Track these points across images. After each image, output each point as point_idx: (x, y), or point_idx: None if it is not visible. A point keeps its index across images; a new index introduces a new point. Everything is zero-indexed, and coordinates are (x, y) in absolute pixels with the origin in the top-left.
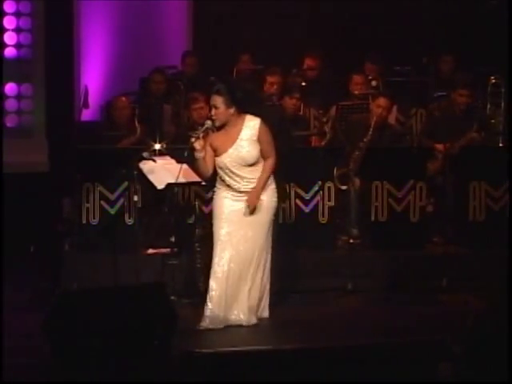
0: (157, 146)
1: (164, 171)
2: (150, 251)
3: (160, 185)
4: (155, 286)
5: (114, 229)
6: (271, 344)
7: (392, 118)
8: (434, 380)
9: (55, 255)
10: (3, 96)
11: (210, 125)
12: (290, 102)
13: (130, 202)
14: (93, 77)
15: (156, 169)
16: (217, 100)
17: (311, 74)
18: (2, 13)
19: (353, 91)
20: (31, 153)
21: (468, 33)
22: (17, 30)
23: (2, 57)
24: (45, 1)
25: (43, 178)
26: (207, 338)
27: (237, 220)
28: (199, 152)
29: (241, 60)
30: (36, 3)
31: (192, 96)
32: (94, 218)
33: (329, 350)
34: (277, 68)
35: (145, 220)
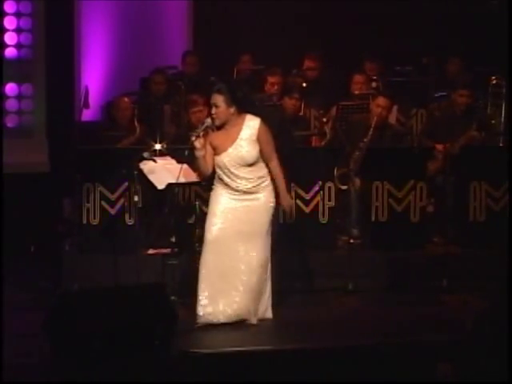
0: (157, 146)
1: (164, 171)
2: (151, 251)
3: (160, 185)
4: (155, 286)
5: (115, 229)
6: (271, 344)
7: (392, 118)
8: (434, 380)
9: (55, 255)
10: (3, 96)
11: (210, 123)
12: (290, 102)
13: (131, 203)
14: (93, 77)
15: (156, 169)
16: (217, 99)
17: (311, 75)
18: (3, 13)
19: (353, 91)
20: (31, 153)
21: (469, 33)
22: (17, 31)
23: (3, 57)
24: (45, 1)
25: (43, 178)
26: (207, 338)
27: (232, 217)
28: (199, 150)
29: (241, 60)
30: (36, 3)
31: (191, 99)
32: (95, 219)
33: (329, 350)
34: (277, 68)
35: (145, 220)
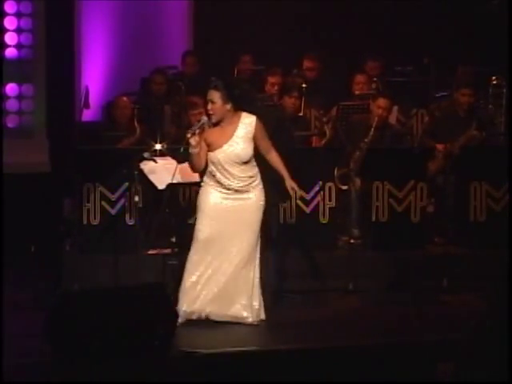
0: (157, 147)
1: (165, 171)
2: (151, 251)
3: (161, 185)
4: (156, 287)
5: (115, 229)
6: (271, 344)
7: (393, 119)
8: (434, 380)
9: (56, 255)
10: (3, 96)
11: (206, 120)
12: (290, 101)
13: (131, 203)
14: (93, 77)
15: (157, 169)
16: (214, 95)
17: (310, 75)
18: (3, 13)
19: (355, 91)
20: (32, 153)
21: (469, 33)
22: (17, 31)
23: (3, 57)
24: (45, 1)
25: (44, 179)
26: (207, 338)
27: (223, 217)
28: (194, 148)
29: (242, 60)
30: (37, 4)
31: (191, 101)
32: (95, 219)
33: (329, 351)
34: (278, 69)
35: (145, 220)
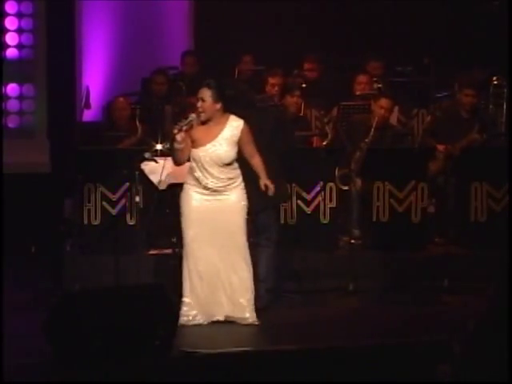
0: (158, 147)
1: (166, 172)
2: (152, 252)
3: (161, 185)
4: (156, 287)
5: (116, 229)
6: (272, 345)
7: (393, 119)
8: (434, 380)
9: (56, 256)
10: (3, 96)
11: (194, 118)
12: (292, 100)
13: (132, 203)
14: (94, 77)
15: (157, 169)
16: (205, 93)
17: (311, 76)
18: (4, 13)
19: (356, 91)
20: (33, 153)
21: (470, 33)
22: (18, 31)
23: (2, 57)
24: (46, 1)
25: (45, 179)
26: (208, 339)
27: (207, 218)
28: (179, 143)
29: (242, 61)
30: (37, 4)
31: (191, 102)
32: (96, 219)
33: (329, 351)
34: (278, 69)
35: (146, 220)
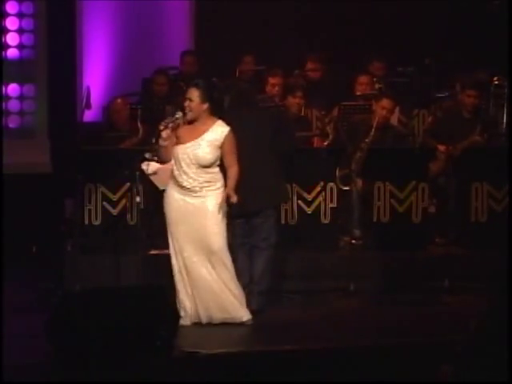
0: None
1: (166, 172)
2: (152, 252)
3: (162, 186)
4: (157, 287)
5: (116, 230)
6: (272, 345)
7: (394, 119)
8: (434, 381)
9: (57, 256)
10: (3, 97)
11: (181, 116)
12: (294, 101)
13: (132, 203)
14: (95, 77)
15: (158, 170)
16: (193, 93)
17: (313, 76)
18: (5, 14)
19: (358, 92)
20: (33, 154)
21: (471, 33)
22: (19, 31)
23: (2, 58)
24: (47, 2)
25: (45, 179)
26: (209, 339)
27: (184, 220)
28: (164, 140)
29: (243, 61)
30: (38, 4)
31: None
32: (96, 219)
33: (330, 351)
34: (278, 69)
35: (147, 221)
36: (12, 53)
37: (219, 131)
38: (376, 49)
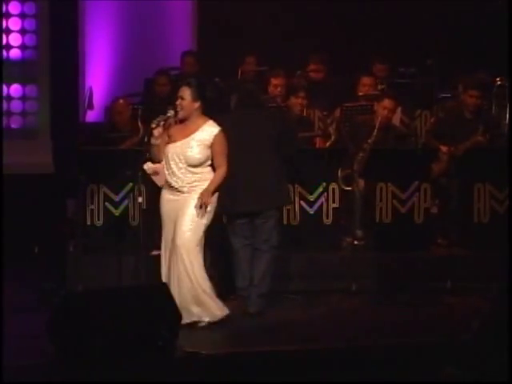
0: None
1: None
2: (154, 252)
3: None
4: (159, 287)
5: (119, 230)
6: (273, 345)
7: (396, 120)
8: (435, 381)
9: (59, 256)
10: (4, 97)
11: (173, 115)
12: (297, 102)
13: (135, 204)
14: (97, 78)
15: (160, 170)
16: (185, 92)
17: (316, 76)
18: (7, 14)
19: (359, 92)
20: (35, 154)
21: (472, 34)
22: (21, 32)
23: (2, 58)
24: (49, 2)
25: (47, 180)
26: (210, 339)
27: (170, 220)
28: (156, 139)
29: (246, 62)
30: (41, 4)
31: None
32: (99, 220)
33: (331, 351)
34: (280, 70)
35: (149, 221)
36: (14, 53)
37: (209, 131)
38: (378, 49)
